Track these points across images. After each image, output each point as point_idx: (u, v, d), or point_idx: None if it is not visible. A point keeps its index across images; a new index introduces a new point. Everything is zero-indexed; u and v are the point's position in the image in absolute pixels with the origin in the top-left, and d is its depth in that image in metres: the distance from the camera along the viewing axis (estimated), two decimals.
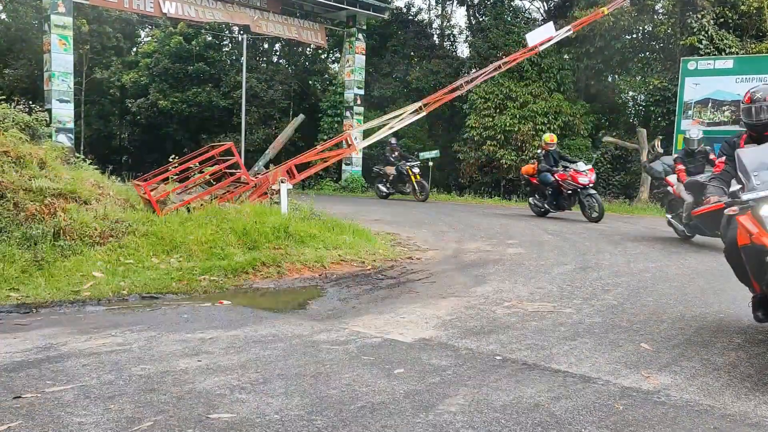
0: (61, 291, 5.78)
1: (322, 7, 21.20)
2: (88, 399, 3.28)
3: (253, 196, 9.70)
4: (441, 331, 4.69)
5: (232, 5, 19.02)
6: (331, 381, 3.58)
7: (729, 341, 4.47)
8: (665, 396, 3.43)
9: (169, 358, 3.97)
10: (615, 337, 4.56)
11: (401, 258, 7.92)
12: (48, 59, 15.48)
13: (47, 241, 6.46)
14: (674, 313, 5.27)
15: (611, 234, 9.99)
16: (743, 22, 17.50)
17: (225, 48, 33.64)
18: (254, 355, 4.07)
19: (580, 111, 20.41)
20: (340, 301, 5.78)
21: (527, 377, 3.69)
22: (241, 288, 6.33)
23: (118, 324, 4.85)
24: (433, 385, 3.54)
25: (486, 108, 20.71)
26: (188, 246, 7.11)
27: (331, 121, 23.60)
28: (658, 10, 19.56)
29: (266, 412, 3.12)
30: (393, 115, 11.76)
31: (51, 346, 4.21)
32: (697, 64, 15.22)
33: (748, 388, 3.57)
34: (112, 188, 8.60)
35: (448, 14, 30.53)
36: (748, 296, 5.87)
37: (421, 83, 24.18)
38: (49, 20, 15.26)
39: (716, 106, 14.87)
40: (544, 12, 24.97)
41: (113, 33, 29.85)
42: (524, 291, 6.08)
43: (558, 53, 20.87)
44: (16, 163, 7.36)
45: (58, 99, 15.45)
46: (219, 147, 10.12)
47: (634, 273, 6.96)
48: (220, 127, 30.25)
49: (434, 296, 5.89)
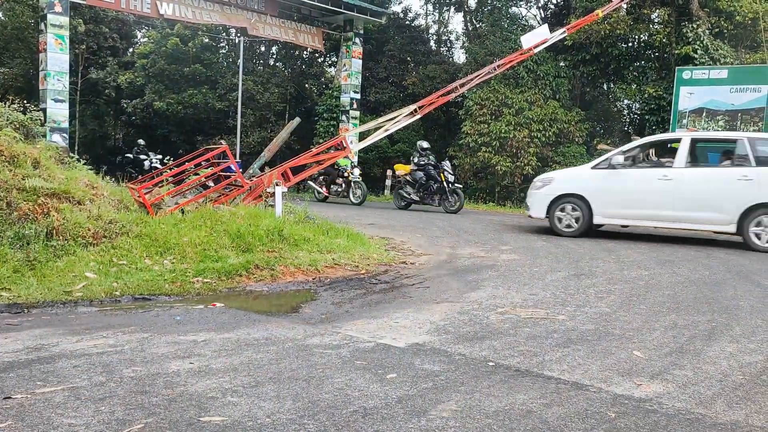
0: (53, 291, 5.75)
1: (319, 11, 21.23)
2: (78, 400, 3.26)
3: (248, 198, 9.68)
4: (434, 336, 4.68)
5: (229, 7, 19.02)
6: (324, 385, 3.57)
7: (721, 350, 4.48)
8: (657, 404, 3.44)
9: (161, 360, 3.95)
10: (607, 344, 4.56)
11: (395, 262, 7.91)
12: (44, 58, 15.44)
13: (40, 241, 6.44)
14: (667, 321, 5.28)
15: (604, 242, 10.02)
16: (738, 33, 17.63)
17: (222, 50, 33.68)
18: (246, 358, 4.05)
19: (576, 118, 20.48)
20: (334, 305, 5.77)
21: (520, 384, 3.69)
22: (235, 290, 6.31)
23: (110, 325, 4.83)
24: (425, 390, 3.54)
25: (481, 114, 20.77)
26: (182, 248, 7.09)
27: (327, 124, 23.62)
28: (654, 19, 19.68)
29: (258, 416, 3.11)
30: (388, 117, 11.77)
31: (42, 347, 4.19)
32: (692, 74, 15.31)
33: (740, 397, 3.58)
34: (106, 189, 8.57)
35: (445, 20, 30.66)
36: (740, 305, 5.90)
37: (417, 88, 24.24)
38: (46, 19, 15.22)
39: (710, 116, 14.95)
40: (540, 19, 25.09)
41: (110, 33, 29.84)
42: (518, 297, 6.08)
43: (554, 60, 20.96)
44: (10, 162, 7.33)
45: (53, 98, 15.40)
46: (214, 150, 10.10)
47: (627, 280, 6.98)
48: (216, 129, 30.25)
49: (428, 301, 5.89)
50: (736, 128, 14.55)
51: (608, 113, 21.85)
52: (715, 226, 9.69)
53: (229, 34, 32.84)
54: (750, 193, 9.23)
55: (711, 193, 9.50)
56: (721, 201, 9.42)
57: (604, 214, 10.17)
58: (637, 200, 9.92)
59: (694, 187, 9.61)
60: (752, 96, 14.38)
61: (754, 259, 8.80)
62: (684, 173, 9.72)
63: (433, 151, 16.42)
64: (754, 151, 9.40)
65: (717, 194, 9.46)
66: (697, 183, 9.65)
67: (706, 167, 10.18)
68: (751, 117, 14.38)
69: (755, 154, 9.38)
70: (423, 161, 15.50)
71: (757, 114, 14.26)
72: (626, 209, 10.06)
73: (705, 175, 9.77)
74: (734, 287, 6.76)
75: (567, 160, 19.87)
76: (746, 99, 14.46)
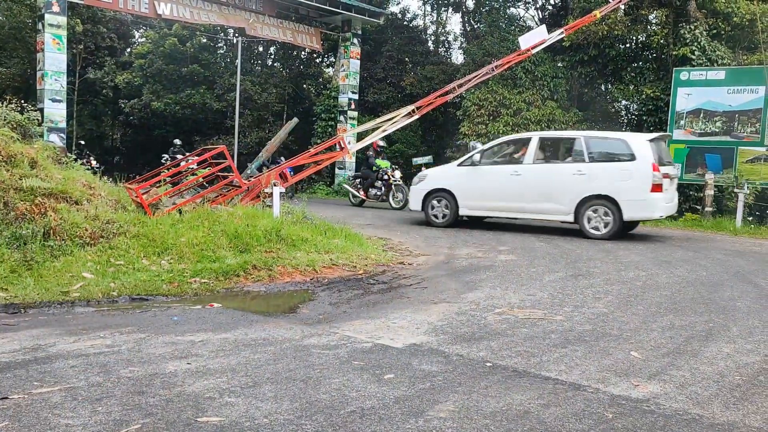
0: (50, 291, 5.74)
1: (317, 12, 21.22)
2: (75, 401, 3.25)
3: (246, 199, 9.68)
4: (432, 336, 4.68)
5: (227, 7, 19.00)
6: (321, 385, 3.56)
7: (718, 350, 4.48)
8: (654, 405, 3.44)
9: (158, 361, 3.95)
10: (605, 345, 4.57)
11: (393, 263, 7.91)
12: (41, 58, 15.42)
13: (37, 241, 6.43)
14: (664, 321, 5.29)
15: (602, 242, 10.03)
16: (735, 34, 17.64)
17: (220, 50, 33.66)
18: (244, 358, 4.05)
19: (573, 119, 20.49)
20: (331, 306, 5.77)
21: (517, 384, 3.69)
22: (232, 291, 6.30)
23: (107, 325, 4.82)
24: (423, 390, 3.54)
25: (479, 115, 20.76)
26: (179, 248, 7.08)
27: (325, 125, 23.60)
28: (651, 20, 19.69)
29: (255, 416, 3.11)
30: (386, 117, 11.77)
31: (39, 347, 4.18)
32: (690, 75, 15.32)
33: (737, 398, 3.58)
34: (104, 189, 8.56)
35: (443, 21, 30.65)
36: (737, 306, 5.91)
37: (415, 89, 24.22)
38: (43, 19, 15.20)
39: (708, 117, 14.97)
40: (538, 20, 25.09)
41: (107, 33, 29.81)
42: (515, 298, 6.09)
43: (552, 61, 20.97)
44: (7, 162, 7.32)
45: (51, 98, 15.37)
46: (212, 150, 10.10)
47: (624, 281, 6.98)
48: (214, 129, 30.23)
49: (425, 302, 5.89)
50: (734, 129, 14.58)
51: (606, 114, 21.83)
52: (557, 216, 10.64)
53: (227, 35, 32.83)
54: (584, 186, 10.22)
55: (553, 187, 10.50)
56: (560, 193, 10.42)
57: (468, 207, 11.27)
58: (493, 194, 11.01)
59: (539, 182, 10.60)
60: (750, 97, 14.39)
61: (751, 259, 8.82)
62: (531, 169, 10.74)
63: (431, 152, 16.49)
64: (588, 148, 10.42)
65: (557, 187, 10.46)
66: (542, 178, 10.65)
67: (550, 163, 10.95)
68: (748, 118, 14.40)
69: (589, 152, 10.40)
70: None
71: (754, 115, 14.28)
72: (484, 202, 11.14)
73: (548, 171, 10.71)
74: (731, 288, 6.77)
75: None
76: (744, 100, 14.47)
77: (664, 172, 10.10)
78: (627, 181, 9.96)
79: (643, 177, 9.88)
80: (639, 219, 10.54)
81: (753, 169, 14.17)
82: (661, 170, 9.99)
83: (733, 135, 14.58)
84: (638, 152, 10.01)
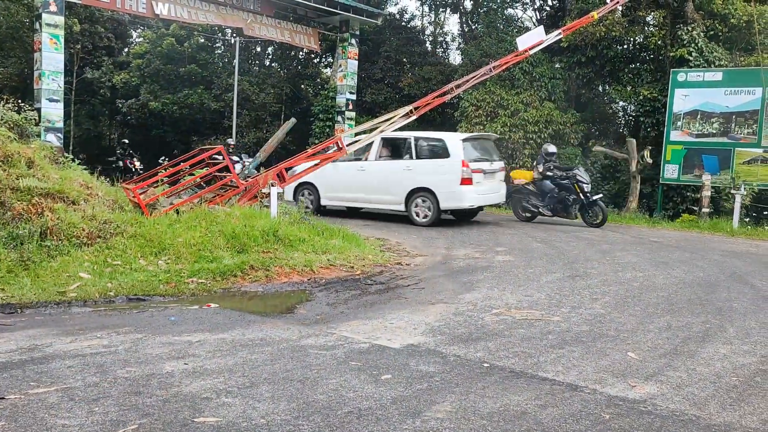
0: (47, 291, 5.73)
1: (315, 12, 21.21)
2: (72, 401, 3.25)
3: (243, 199, 9.66)
4: (429, 337, 4.68)
5: (225, 7, 18.98)
6: (319, 386, 3.56)
7: (715, 351, 4.49)
8: (651, 405, 3.45)
9: (155, 361, 3.94)
10: (602, 345, 4.57)
11: (390, 263, 7.91)
12: (38, 58, 15.36)
13: (34, 241, 6.41)
14: (661, 322, 5.30)
15: (600, 243, 10.04)
16: (733, 35, 17.67)
17: (217, 50, 33.61)
18: (241, 358, 4.05)
19: (571, 120, 20.50)
20: (329, 306, 5.77)
21: (514, 385, 3.69)
22: (230, 291, 6.30)
23: (104, 326, 4.81)
24: (420, 391, 3.54)
25: (477, 116, 20.75)
26: (176, 248, 7.07)
27: (323, 125, 23.57)
28: (649, 21, 19.73)
29: (252, 417, 3.10)
30: (384, 118, 11.77)
31: (35, 347, 4.17)
32: (687, 76, 15.35)
33: (733, 399, 3.59)
34: (101, 189, 8.54)
35: (441, 21, 30.67)
36: (734, 307, 5.92)
37: (413, 89, 24.22)
38: (41, 19, 15.15)
39: (705, 118, 14.99)
40: (536, 21, 25.11)
41: (105, 33, 29.75)
42: (512, 298, 6.09)
43: (550, 62, 20.98)
44: (4, 161, 7.30)
45: (48, 98, 15.33)
46: (209, 150, 10.08)
47: (622, 282, 6.99)
48: (211, 129, 30.17)
49: (423, 302, 5.89)
50: (731, 130, 14.61)
51: (603, 115, 21.85)
52: (392, 206, 12.20)
53: (224, 35, 32.79)
54: (411, 180, 11.77)
55: (388, 181, 12.05)
56: (394, 186, 11.96)
57: (327, 198, 12.83)
58: (345, 186, 12.55)
59: (378, 176, 12.17)
60: (747, 98, 14.42)
61: (748, 261, 8.84)
62: (373, 165, 12.31)
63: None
64: (416, 147, 11.94)
65: (392, 181, 11.99)
66: (380, 173, 12.21)
67: (387, 160, 12.35)
68: (745, 119, 14.43)
69: (417, 150, 11.92)
70: (551, 169, 13.24)
71: (751, 116, 14.31)
72: (338, 193, 12.70)
73: (385, 167, 12.24)
74: (728, 289, 6.78)
75: (562, 161, 19.89)
76: (741, 101, 14.49)
77: (476, 168, 11.54)
78: (443, 176, 11.46)
79: (455, 172, 11.35)
80: (452, 208, 11.90)
81: (750, 170, 14.20)
82: (471, 166, 11.44)
83: (731, 136, 14.61)
84: (452, 150, 11.54)
